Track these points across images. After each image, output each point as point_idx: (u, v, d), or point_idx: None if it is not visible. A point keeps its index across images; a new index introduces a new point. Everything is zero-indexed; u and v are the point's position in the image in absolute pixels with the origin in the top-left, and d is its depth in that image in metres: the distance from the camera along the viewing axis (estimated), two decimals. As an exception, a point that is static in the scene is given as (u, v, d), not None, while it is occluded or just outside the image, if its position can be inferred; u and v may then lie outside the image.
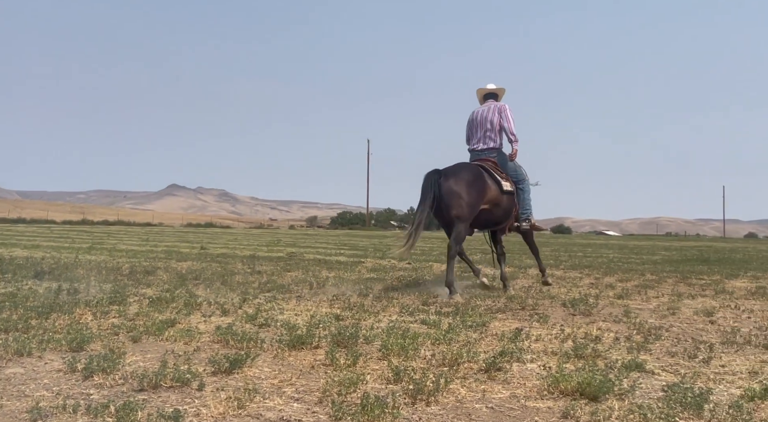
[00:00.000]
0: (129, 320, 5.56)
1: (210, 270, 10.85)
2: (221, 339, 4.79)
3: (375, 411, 2.95)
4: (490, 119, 8.38)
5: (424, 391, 3.38)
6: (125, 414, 2.83)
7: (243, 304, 6.77)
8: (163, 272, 10.26)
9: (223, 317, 5.96)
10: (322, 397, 3.36)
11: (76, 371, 3.75)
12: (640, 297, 8.23)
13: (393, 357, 4.28)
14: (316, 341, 4.72)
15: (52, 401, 3.16)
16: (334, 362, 4.10)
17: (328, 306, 6.85)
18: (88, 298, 6.72)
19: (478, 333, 5.33)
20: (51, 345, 4.39)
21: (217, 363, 3.91)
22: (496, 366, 4.00)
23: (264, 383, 3.66)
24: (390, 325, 5.54)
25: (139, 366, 3.94)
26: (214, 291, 7.85)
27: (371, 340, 4.85)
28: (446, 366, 4.09)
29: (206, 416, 3.00)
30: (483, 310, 6.71)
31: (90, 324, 5.30)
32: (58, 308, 5.90)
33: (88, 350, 4.36)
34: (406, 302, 7.23)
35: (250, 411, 3.10)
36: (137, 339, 4.76)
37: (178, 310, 6.19)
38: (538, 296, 8.03)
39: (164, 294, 7.20)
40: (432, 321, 5.78)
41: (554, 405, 3.31)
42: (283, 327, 5.33)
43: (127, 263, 11.96)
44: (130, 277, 9.43)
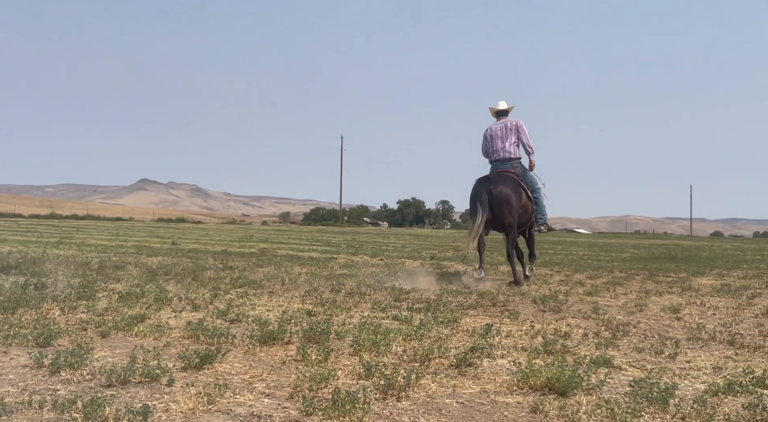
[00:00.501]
0: (98, 315, 5.48)
1: (181, 266, 10.74)
2: (192, 334, 4.75)
3: (346, 407, 2.96)
4: (508, 134, 9.33)
5: (395, 386, 3.40)
6: (93, 409, 2.80)
7: (214, 299, 6.72)
8: (133, 268, 10.13)
9: (194, 312, 5.91)
10: (293, 392, 3.36)
11: (43, 366, 3.69)
12: (608, 294, 8.36)
13: (365, 353, 4.29)
14: (288, 336, 4.71)
15: (18, 397, 3.11)
16: (305, 357, 4.09)
17: (300, 302, 6.83)
18: (56, 293, 6.61)
19: (449, 328, 5.37)
20: (17, 341, 4.31)
21: (188, 359, 3.87)
22: (467, 362, 4.04)
23: (234, 378, 3.65)
24: (362, 321, 5.54)
25: (107, 361, 3.90)
26: (185, 287, 7.77)
27: (343, 336, 4.86)
28: (417, 362, 4.11)
29: (175, 411, 2.98)
30: (454, 306, 6.75)
31: (57, 319, 5.21)
32: (25, 303, 5.79)
33: (56, 345, 4.29)
34: (378, 298, 7.24)
35: (220, 407, 3.09)
36: (106, 335, 4.70)
37: (149, 305, 6.12)
38: (509, 292, 8.11)
39: (134, 289, 7.10)
40: (404, 317, 5.80)
41: (524, 400, 3.35)
42: (255, 323, 5.30)
43: (97, 258, 11.78)
44: (100, 272, 9.29)
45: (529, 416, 3.11)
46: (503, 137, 9.33)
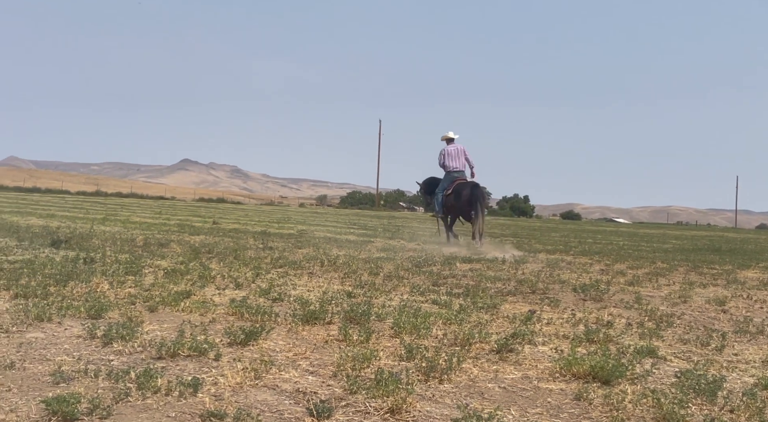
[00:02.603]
0: (145, 290, 5.63)
1: (223, 245, 10.91)
2: (236, 311, 4.84)
3: (389, 387, 2.99)
4: (459, 155, 13.48)
5: (436, 369, 3.42)
6: (146, 380, 2.89)
7: (256, 279, 6.83)
8: (177, 245, 10.33)
9: (237, 290, 6.02)
10: (336, 371, 3.41)
11: (96, 337, 3.81)
12: (651, 285, 8.23)
13: (405, 335, 4.33)
14: (329, 317, 4.77)
15: (74, 365, 3.23)
16: (347, 338, 4.14)
17: (339, 283, 6.90)
18: (105, 268, 6.80)
19: (489, 314, 5.36)
20: (70, 312, 4.46)
21: (233, 335, 3.96)
22: (508, 348, 4.04)
23: (279, 355, 3.72)
24: (401, 304, 5.58)
25: (156, 335, 4.01)
26: (227, 265, 7.90)
27: (383, 318, 4.90)
28: (458, 346, 4.13)
29: (224, 385, 3.06)
30: (493, 292, 6.74)
31: (107, 293, 5.37)
32: (76, 276, 5.98)
33: (107, 318, 4.44)
34: (416, 282, 7.27)
35: (266, 382, 3.16)
36: (154, 309, 4.83)
37: (193, 282, 6.25)
38: (548, 280, 8.04)
39: (179, 266, 7.27)
40: (443, 302, 5.82)
41: (567, 387, 3.34)
42: (296, 302, 5.38)
43: (141, 235, 12.06)
44: (145, 249, 9.51)
45: (573, 403, 3.10)
46: (456, 156, 13.40)
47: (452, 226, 14.08)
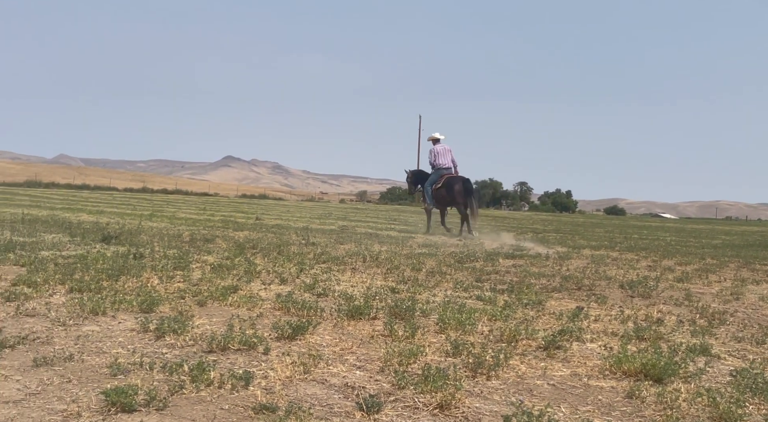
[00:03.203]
0: (193, 285, 5.74)
1: (266, 240, 11.05)
2: (282, 306, 4.90)
3: (437, 382, 2.99)
4: (446, 153, 15.04)
5: (484, 365, 3.41)
6: (199, 373, 2.95)
7: (300, 274, 6.90)
8: (222, 241, 10.51)
9: (282, 285, 6.09)
10: (383, 366, 3.43)
11: (149, 331, 3.91)
12: (701, 281, 8.03)
13: (450, 331, 4.32)
14: (374, 312, 4.80)
15: (129, 358, 3.32)
16: (392, 333, 4.16)
17: (382, 279, 6.92)
18: (154, 263, 6.96)
19: (534, 311, 5.31)
20: (123, 306, 4.58)
21: (281, 329, 4.01)
22: (556, 345, 4.00)
23: (326, 350, 3.75)
24: (446, 300, 5.57)
25: (206, 328, 4.09)
26: (271, 260, 8.00)
27: (428, 313, 4.90)
28: (504, 342, 4.10)
29: (274, 379, 3.10)
30: (538, 289, 6.67)
31: (157, 288, 5.50)
32: (127, 271, 6.14)
33: (158, 312, 4.54)
34: (459, 278, 7.24)
35: (315, 376, 3.19)
36: (203, 303, 4.93)
37: (239, 277, 6.35)
38: (594, 276, 7.92)
39: (225, 262, 7.39)
40: (487, 298, 5.78)
41: (618, 385, 3.29)
42: (341, 298, 5.42)
43: (187, 231, 12.29)
44: (191, 244, 9.69)
45: (625, 401, 3.05)
46: (444, 155, 14.97)
47: (444, 218, 15.67)
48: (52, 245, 8.31)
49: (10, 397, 2.72)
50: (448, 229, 15.31)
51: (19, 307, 4.41)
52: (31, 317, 4.23)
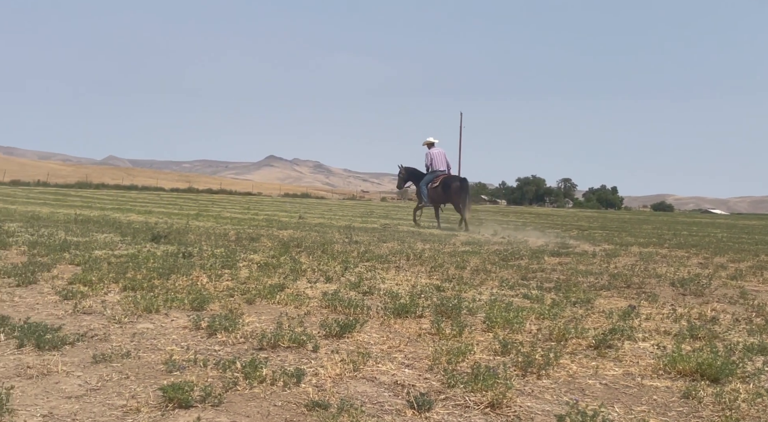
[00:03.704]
0: (241, 283, 5.84)
1: (310, 239, 11.15)
2: (329, 304, 4.95)
3: (487, 381, 2.98)
4: (443, 157, 16.35)
5: (534, 364, 3.38)
6: (251, 370, 3.00)
7: (345, 272, 6.94)
8: (267, 240, 10.64)
9: (327, 284, 6.14)
10: (432, 364, 3.43)
11: (201, 328, 4.00)
12: (756, 279, 7.79)
13: (498, 330, 4.29)
14: (420, 310, 4.80)
15: (183, 355, 3.40)
16: (439, 331, 4.15)
17: (427, 277, 6.91)
18: (202, 262, 7.10)
19: (583, 309, 5.23)
20: (175, 304, 4.69)
21: (328, 327, 4.05)
22: (607, 343, 3.93)
23: (374, 348, 3.77)
24: (492, 298, 5.53)
25: (256, 326, 4.15)
26: (316, 259, 8.08)
27: (474, 312, 4.88)
28: (553, 341, 4.05)
29: (324, 376, 3.14)
30: (586, 287, 6.56)
31: (207, 286, 5.60)
32: (177, 270, 6.28)
33: (208, 309, 4.64)
34: (504, 276, 7.18)
35: (364, 374, 3.21)
36: (251, 302, 5.00)
37: (285, 276, 6.43)
38: (643, 274, 7.76)
39: (271, 260, 7.49)
40: (534, 296, 5.72)
41: (673, 385, 3.21)
42: (387, 296, 5.44)
43: (233, 230, 12.49)
44: (237, 243, 9.85)
45: (681, 401, 2.98)
46: (439, 158, 16.25)
47: (438, 214, 17.07)
48: (105, 245, 8.55)
49: (73, 392, 2.81)
50: (418, 224, 17.06)
51: (77, 305, 4.56)
52: (88, 314, 4.37)
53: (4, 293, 4.96)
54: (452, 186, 15.60)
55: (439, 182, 15.82)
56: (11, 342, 3.54)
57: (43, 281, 5.56)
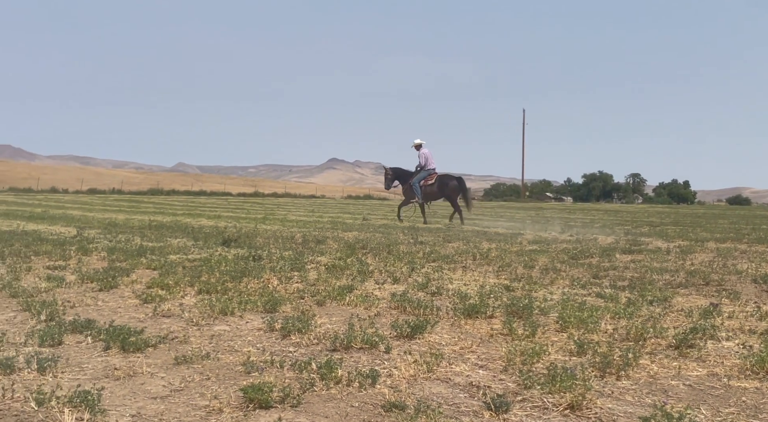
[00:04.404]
0: (311, 285, 5.92)
1: (375, 240, 11.21)
2: (398, 305, 4.96)
3: (565, 382, 2.92)
4: (431, 157, 17.32)
5: (612, 365, 3.29)
6: (327, 371, 3.04)
7: (412, 273, 6.94)
8: (333, 242, 10.76)
9: (395, 284, 6.16)
10: (506, 365, 3.39)
11: (275, 330, 4.08)
12: None
13: (572, 329, 4.20)
14: (490, 310, 4.75)
15: (260, 356, 3.48)
16: (512, 332, 4.10)
17: (495, 277, 6.83)
18: (272, 264, 7.24)
19: (660, 308, 5.06)
20: (249, 306, 4.80)
21: (399, 328, 4.06)
22: (688, 343, 3.79)
23: (445, 349, 3.75)
24: (564, 297, 5.42)
25: (328, 328, 4.21)
26: (382, 260, 8.11)
27: (546, 312, 4.79)
28: (631, 341, 3.94)
29: (398, 377, 3.14)
30: (662, 284, 6.35)
31: (278, 288, 5.71)
32: (248, 273, 6.42)
33: (281, 311, 4.73)
34: (575, 274, 7.03)
35: (439, 375, 3.20)
36: (321, 303, 5.07)
37: (353, 277, 6.48)
38: (722, 271, 7.44)
39: (338, 262, 7.56)
40: (608, 295, 5.58)
41: (762, 386, 3.07)
42: (456, 296, 5.41)
43: (299, 233, 12.69)
44: (304, 245, 10.00)
45: (773, 404, 2.84)
46: (430, 158, 17.25)
47: (425, 210, 17.81)
48: (178, 249, 8.84)
49: (158, 393, 2.92)
50: (402, 220, 17.94)
51: (156, 308, 4.73)
52: (167, 317, 4.53)
53: (89, 298, 5.20)
54: (450, 184, 17.02)
55: (435, 180, 17.03)
56: (98, 344, 3.70)
57: (123, 286, 5.79)
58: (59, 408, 2.61)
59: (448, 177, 17.30)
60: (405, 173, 17.72)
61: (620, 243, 11.39)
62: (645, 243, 11.46)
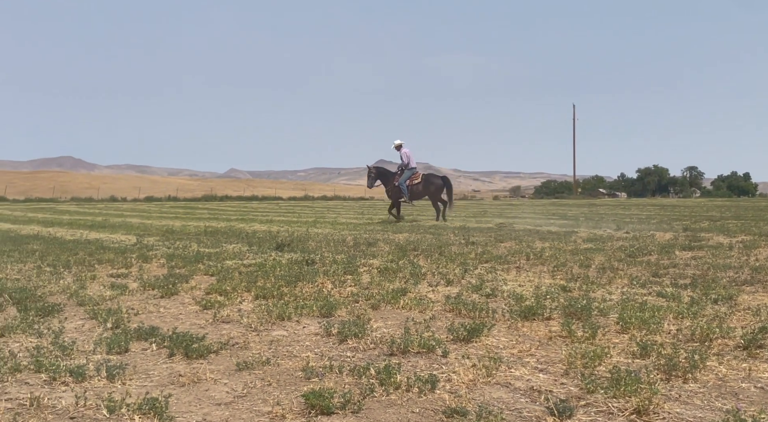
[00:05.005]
0: (364, 288, 5.95)
1: (426, 242, 11.18)
2: (453, 308, 4.94)
3: (630, 386, 2.85)
4: (412, 157, 18.18)
5: (678, 367, 3.20)
6: (386, 376, 3.05)
7: (465, 274, 6.89)
8: (384, 244, 10.78)
9: (448, 287, 6.13)
10: (567, 369, 3.33)
11: (332, 335, 4.12)
12: None
13: (634, 331, 4.10)
14: (548, 312, 4.68)
15: (318, 361, 3.51)
16: (571, 334, 4.03)
17: (550, 277, 6.73)
18: (325, 268, 7.30)
19: (726, 307, 4.90)
20: (305, 311, 4.86)
21: (455, 331, 4.04)
22: (757, 343, 3.66)
23: (503, 352, 3.71)
24: (623, 297, 5.30)
25: (384, 332, 4.22)
26: (434, 262, 8.08)
27: (606, 312, 4.69)
28: (696, 342, 3.82)
29: (457, 382, 3.13)
30: (726, 282, 6.14)
31: (332, 292, 5.76)
32: (302, 277, 6.50)
33: (336, 316, 4.76)
34: (633, 273, 6.86)
35: (498, 380, 3.17)
36: (376, 307, 5.09)
37: (406, 280, 6.48)
38: (790, 266, 7.14)
39: (390, 265, 7.58)
40: (669, 294, 5.42)
41: (840, 389, 2.93)
42: (511, 298, 5.35)
43: (350, 236, 12.77)
44: (355, 248, 10.05)
45: None
46: (411, 158, 18.13)
47: (399, 208, 18.77)
48: (234, 255, 9.01)
49: (222, 399, 2.98)
50: (396, 217, 18.48)
51: (216, 314, 4.83)
52: (226, 323, 4.62)
53: (151, 305, 5.35)
54: (436, 183, 17.97)
55: (420, 179, 17.93)
56: (162, 351, 3.81)
57: (183, 292, 5.94)
58: (129, 415, 2.70)
59: (433, 176, 18.32)
60: (388, 173, 18.55)
61: (679, 239, 11.07)
62: (705, 239, 11.11)
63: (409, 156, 18.33)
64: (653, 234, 12.55)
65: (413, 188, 17.98)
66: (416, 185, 17.98)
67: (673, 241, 10.73)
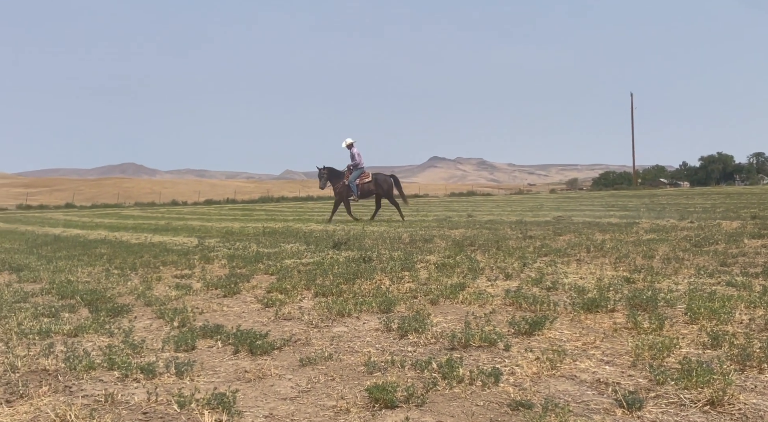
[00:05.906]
0: (422, 284, 5.95)
1: (483, 237, 11.09)
2: (513, 301, 4.88)
3: (702, 377, 2.76)
4: (362, 156, 18.48)
5: (753, 357, 3.08)
6: (448, 370, 3.04)
7: (524, 268, 6.81)
8: (440, 240, 10.75)
9: (507, 281, 6.06)
10: (634, 361, 3.25)
11: (392, 330, 4.13)
12: None
13: (703, 321, 3.97)
14: (611, 304, 4.58)
15: (380, 356, 3.53)
16: (637, 325, 3.93)
17: (612, 269, 6.57)
18: (382, 265, 7.33)
19: (802, 295, 4.67)
20: (364, 307, 4.89)
21: (517, 325, 3.99)
22: (838, 333, 3.48)
23: (567, 345, 3.65)
24: (690, 287, 5.13)
25: (444, 326, 4.21)
26: (492, 256, 8.00)
27: (672, 303, 4.56)
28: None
29: (521, 375, 3.09)
30: (801, 270, 5.86)
31: (390, 289, 5.77)
32: (360, 274, 6.54)
33: (396, 311, 4.77)
34: (700, 263, 6.63)
35: (563, 372, 3.12)
36: (435, 302, 5.08)
37: (464, 275, 6.44)
38: None
39: (447, 260, 7.54)
40: (740, 283, 5.23)
41: None
42: (573, 290, 5.25)
43: (406, 233, 12.77)
44: (412, 245, 10.05)
45: None
46: (360, 157, 18.30)
47: (336, 209, 19.12)
48: (293, 254, 9.14)
49: (287, 394, 3.03)
50: (355, 218, 18.69)
51: (277, 312, 4.92)
52: (288, 320, 4.69)
53: (215, 304, 5.48)
54: (387, 182, 18.32)
55: (371, 178, 18.20)
56: (228, 348, 3.90)
57: (245, 291, 6.07)
58: (199, 410, 2.77)
59: (383, 175, 18.69)
60: (337, 173, 18.74)
61: (747, 227, 10.65)
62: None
63: (359, 156, 18.69)
64: (719, 223, 12.11)
65: (363, 187, 18.33)
66: (366, 184, 18.33)
67: (740, 229, 10.33)
